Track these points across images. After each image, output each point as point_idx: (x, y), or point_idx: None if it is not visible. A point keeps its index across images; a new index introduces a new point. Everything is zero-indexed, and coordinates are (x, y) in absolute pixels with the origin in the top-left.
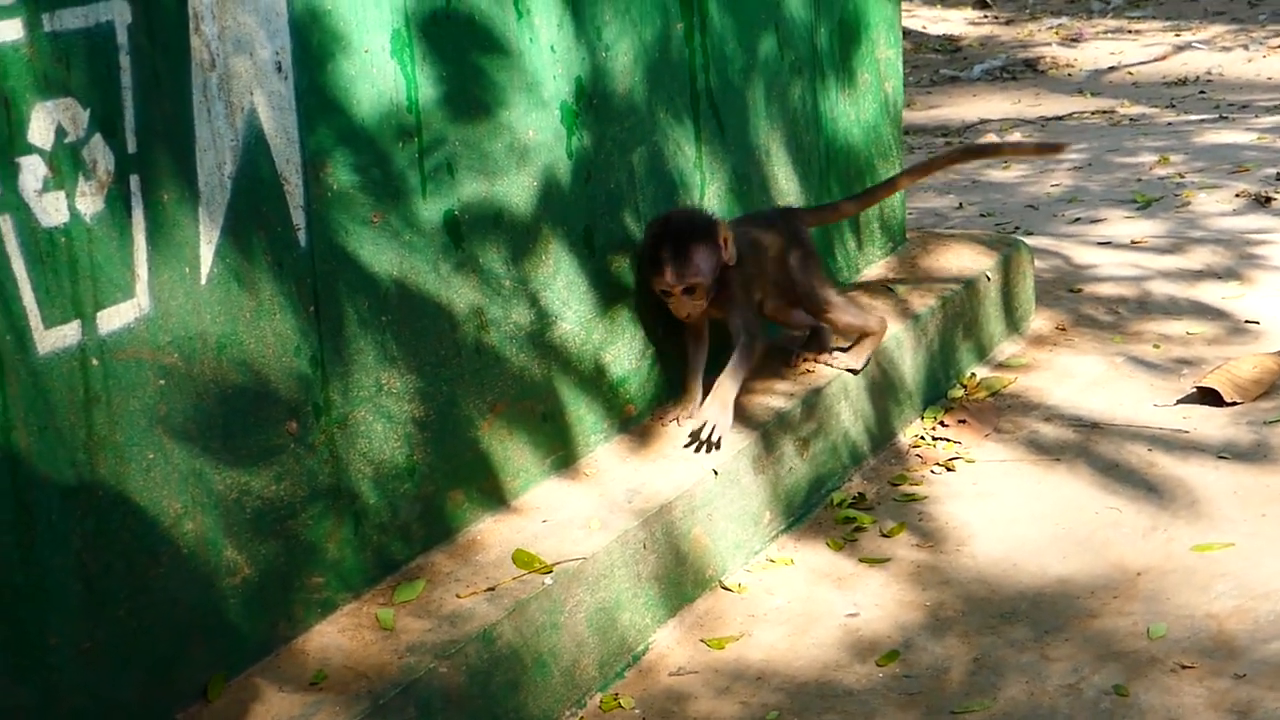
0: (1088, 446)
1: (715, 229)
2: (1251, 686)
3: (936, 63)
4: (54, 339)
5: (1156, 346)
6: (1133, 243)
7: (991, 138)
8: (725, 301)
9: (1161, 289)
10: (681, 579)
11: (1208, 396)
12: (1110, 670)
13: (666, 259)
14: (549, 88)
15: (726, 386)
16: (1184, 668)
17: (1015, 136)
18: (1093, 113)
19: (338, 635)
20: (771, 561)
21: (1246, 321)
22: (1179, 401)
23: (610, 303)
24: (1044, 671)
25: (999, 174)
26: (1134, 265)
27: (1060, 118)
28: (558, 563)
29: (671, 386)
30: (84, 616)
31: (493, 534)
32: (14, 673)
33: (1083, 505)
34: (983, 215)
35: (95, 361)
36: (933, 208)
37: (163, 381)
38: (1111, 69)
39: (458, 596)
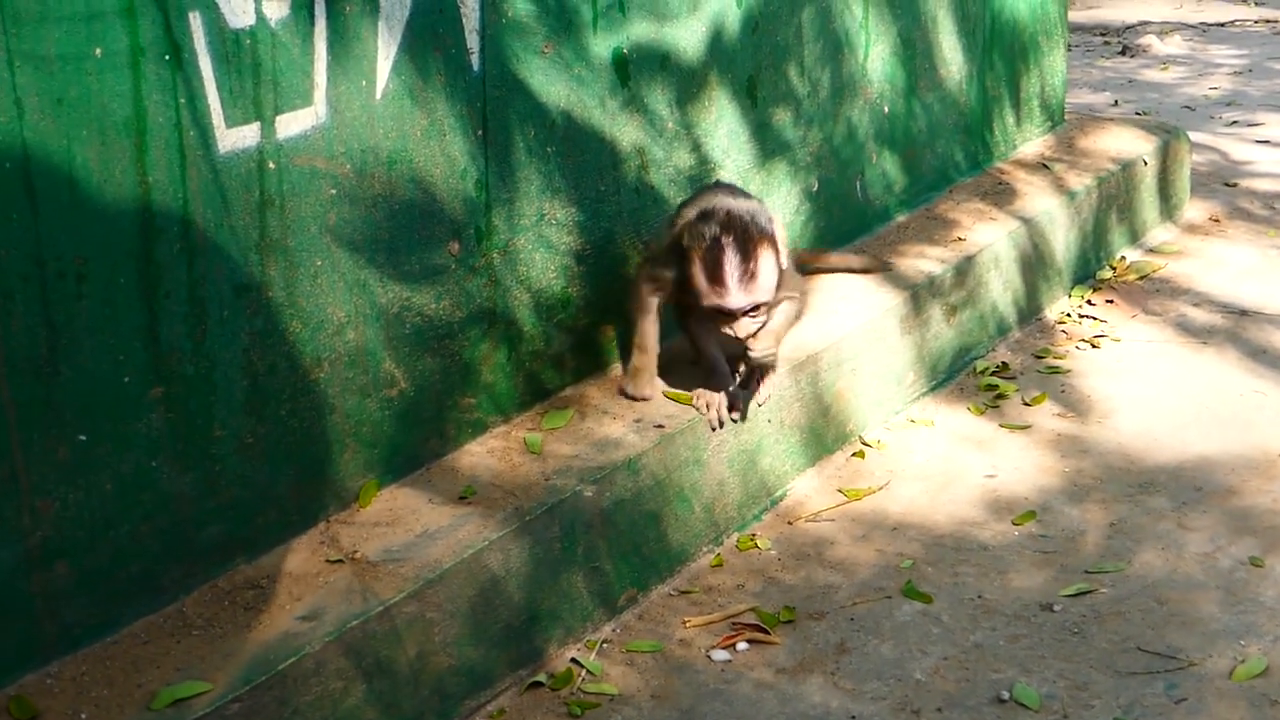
0: (1236, 332)
1: (775, 236)
2: None
3: None
4: (234, 139)
5: None
6: None
7: (1151, 39)
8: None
9: None
10: (823, 430)
11: None
12: (1247, 543)
13: (731, 277)
14: None
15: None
16: None
17: (1175, 39)
18: (1255, 21)
19: (486, 455)
20: (913, 421)
21: None
22: None
23: (769, 155)
24: (1180, 540)
25: (1156, 74)
26: None
27: (1221, 24)
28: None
29: (824, 237)
30: (247, 412)
31: None
32: (180, 459)
33: (1228, 387)
34: (1138, 114)
35: (272, 165)
36: (1087, 104)
37: (334, 191)
38: None
39: (605, 426)
